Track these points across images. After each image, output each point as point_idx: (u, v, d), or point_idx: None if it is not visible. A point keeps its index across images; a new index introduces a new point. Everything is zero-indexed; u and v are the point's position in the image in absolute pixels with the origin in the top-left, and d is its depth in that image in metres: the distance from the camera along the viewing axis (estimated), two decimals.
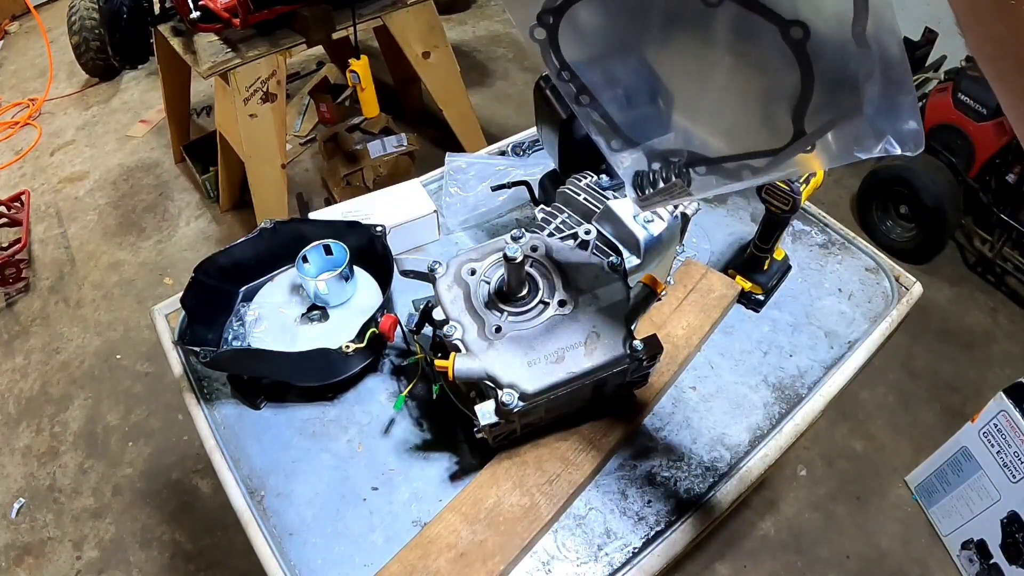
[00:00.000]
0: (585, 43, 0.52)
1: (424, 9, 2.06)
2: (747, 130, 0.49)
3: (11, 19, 4.01)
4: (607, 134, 0.56)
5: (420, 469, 0.76)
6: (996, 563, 1.40)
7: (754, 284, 0.92)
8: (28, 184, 2.76)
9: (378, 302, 0.86)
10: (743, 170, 0.50)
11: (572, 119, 0.86)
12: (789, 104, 0.44)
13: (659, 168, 0.55)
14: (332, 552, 0.70)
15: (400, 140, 2.24)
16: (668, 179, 0.54)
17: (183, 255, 2.40)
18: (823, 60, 0.41)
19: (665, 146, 0.54)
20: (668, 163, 0.54)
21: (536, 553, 0.69)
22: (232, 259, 0.89)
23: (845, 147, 0.43)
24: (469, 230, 1.09)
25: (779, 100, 0.45)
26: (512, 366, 0.63)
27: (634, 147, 0.56)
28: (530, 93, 0.93)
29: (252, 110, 1.87)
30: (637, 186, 0.57)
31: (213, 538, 1.62)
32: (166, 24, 2.00)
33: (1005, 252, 2.06)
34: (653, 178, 0.55)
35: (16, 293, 2.31)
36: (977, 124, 2.02)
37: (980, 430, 1.38)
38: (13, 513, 1.70)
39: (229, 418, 0.82)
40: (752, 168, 0.50)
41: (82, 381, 2.02)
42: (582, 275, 0.69)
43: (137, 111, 3.16)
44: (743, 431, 0.80)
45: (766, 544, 1.57)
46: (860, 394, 1.85)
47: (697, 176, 0.53)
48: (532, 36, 0.51)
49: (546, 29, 0.50)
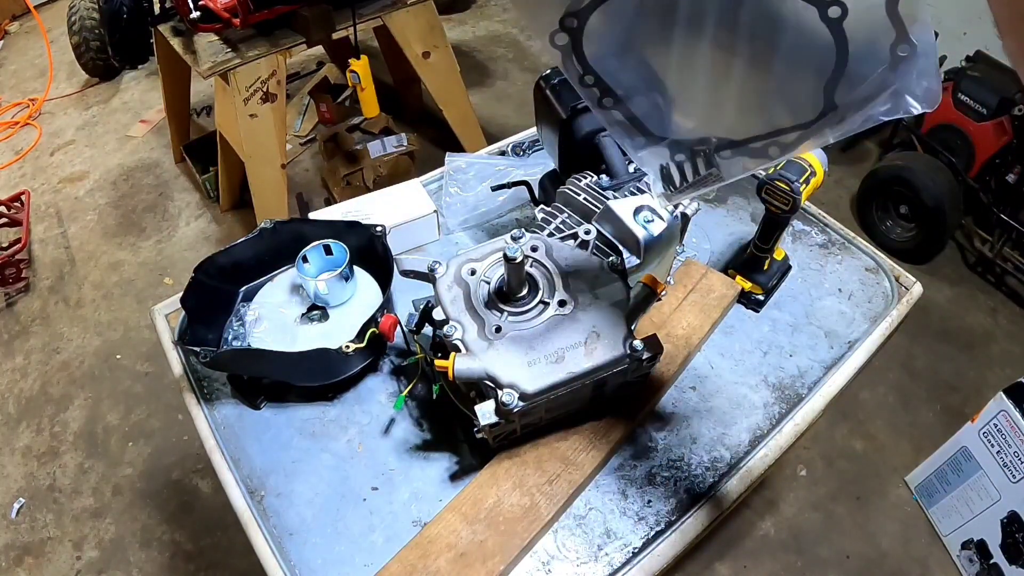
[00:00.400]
0: (609, 44, 0.52)
1: (424, 9, 2.06)
2: (775, 109, 0.50)
3: (11, 19, 4.01)
4: (631, 133, 0.56)
5: (420, 469, 0.76)
6: (996, 563, 1.40)
7: (754, 284, 0.92)
8: (28, 184, 2.76)
9: (378, 302, 0.86)
10: (771, 147, 0.51)
11: (572, 119, 0.86)
12: (820, 79, 0.45)
13: (684, 159, 0.55)
14: (332, 552, 0.70)
15: (400, 140, 2.24)
16: (696, 169, 0.55)
17: (183, 255, 2.40)
18: (858, 36, 0.43)
19: (691, 136, 0.55)
20: (694, 153, 0.55)
21: (536, 553, 0.69)
22: (232, 259, 0.89)
23: (868, 114, 0.45)
24: (469, 230, 1.09)
25: (809, 77, 0.46)
26: (512, 366, 0.63)
27: (659, 142, 0.56)
28: (530, 93, 0.93)
29: (252, 110, 1.87)
30: (666, 180, 0.58)
31: (213, 538, 1.62)
32: (166, 24, 2.00)
33: (1005, 252, 2.06)
34: (681, 170, 0.56)
35: (16, 293, 2.31)
36: (977, 124, 2.02)
37: (980, 430, 1.38)
38: (13, 513, 1.70)
39: (229, 418, 0.82)
40: (780, 144, 0.50)
41: (82, 381, 2.02)
42: (582, 275, 0.69)
43: (137, 111, 3.16)
44: (743, 431, 0.80)
45: (766, 544, 1.57)
46: (860, 394, 1.85)
47: (724, 160, 0.54)
48: (553, 42, 0.51)
49: (569, 34, 0.50)
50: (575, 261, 0.70)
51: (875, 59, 0.43)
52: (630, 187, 0.82)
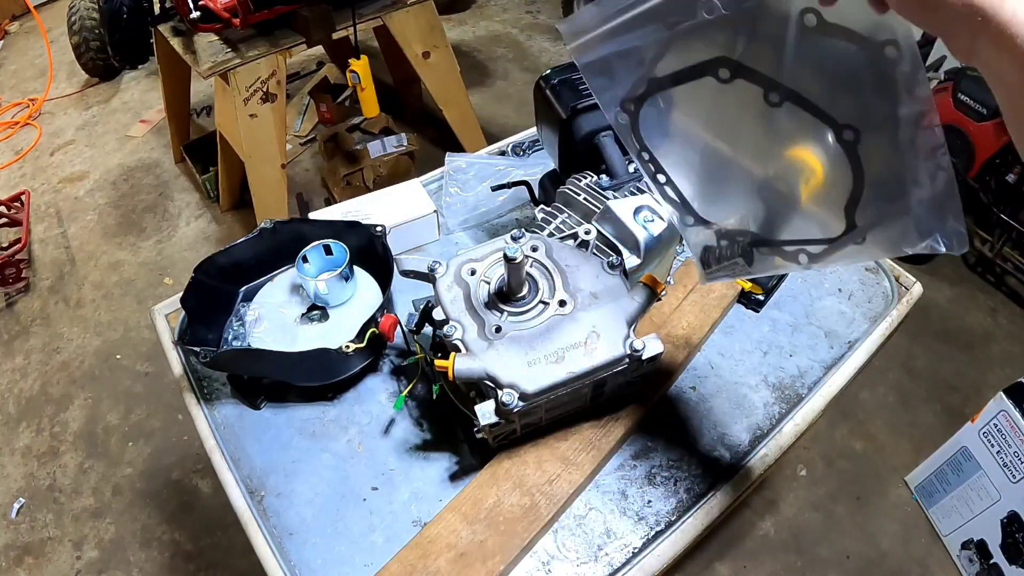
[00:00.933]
0: (662, 129, 0.57)
1: (424, 9, 2.06)
2: (805, 218, 0.53)
3: (11, 19, 4.01)
4: (681, 210, 0.61)
5: (420, 469, 0.76)
6: (996, 563, 1.40)
7: (754, 284, 0.92)
8: (28, 184, 2.76)
9: (378, 302, 0.86)
10: (800, 254, 0.54)
11: (572, 119, 0.86)
12: (842, 198, 0.48)
13: (725, 245, 0.59)
14: (332, 552, 0.70)
15: (400, 140, 2.24)
16: (732, 257, 0.58)
17: (183, 255, 2.40)
18: (873, 161, 0.45)
19: (733, 226, 0.58)
20: (734, 242, 0.58)
21: (536, 553, 0.69)
22: (232, 259, 0.89)
23: (893, 241, 0.46)
24: (469, 230, 1.09)
25: (833, 193, 0.49)
26: (512, 366, 0.63)
27: (705, 225, 0.60)
28: (530, 93, 0.93)
29: (252, 110, 1.87)
30: (704, 261, 0.62)
31: (213, 538, 1.62)
32: (166, 24, 2.00)
33: (1005, 252, 2.06)
34: (719, 254, 0.60)
35: (16, 293, 2.31)
36: (977, 124, 2.02)
37: (980, 430, 1.38)
38: (13, 513, 1.70)
39: (229, 418, 0.82)
40: (809, 254, 0.53)
41: (82, 381, 2.02)
42: (582, 275, 0.69)
43: (137, 111, 3.16)
44: (743, 431, 0.80)
45: (766, 544, 1.57)
46: (860, 394, 1.85)
47: (759, 255, 0.57)
48: (616, 119, 0.57)
49: (628, 114, 0.56)
50: (575, 261, 0.70)
51: (891, 186, 0.44)
52: (630, 187, 0.82)
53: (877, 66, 0.41)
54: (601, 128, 0.86)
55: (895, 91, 0.41)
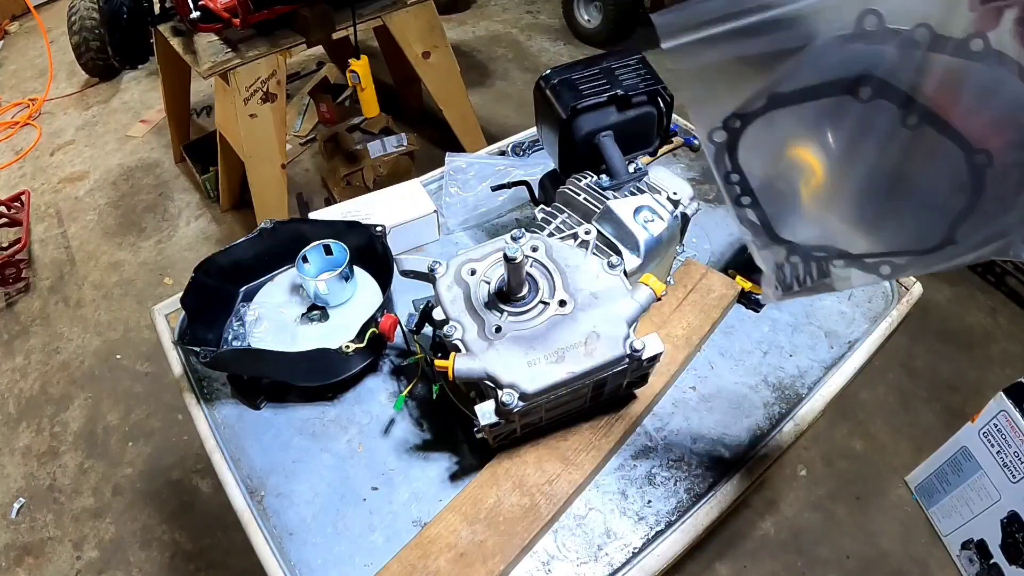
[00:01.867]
0: (761, 149, 0.54)
1: (424, 9, 2.06)
2: (899, 231, 0.52)
3: (11, 19, 4.01)
4: (758, 232, 0.58)
5: (420, 469, 0.76)
6: (996, 563, 1.40)
7: (754, 284, 0.92)
8: (28, 184, 2.76)
9: (378, 302, 0.86)
10: (883, 266, 0.53)
11: (572, 119, 0.86)
12: (948, 213, 0.48)
13: (798, 262, 0.58)
14: (332, 552, 0.70)
15: (400, 140, 2.24)
16: (809, 274, 0.57)
17: (183, 255, 2.40)
18: (994, 183, 0.45)
19: (810, 243, 0.57)
20: (809, 258, 0.57)
21: (536, 553, 0.69)
22: (232, 259, 0.89)
23: (981, 253, 0.47)
24: (469, 230, 1.09)
25: (938, 208, 0.48)
26: (512, 366, 0.63)
27: (781, 244, 0.58)
28: (530, 93, 0.93)
29: (252, 110, 1.87)
30: (779, 281, 0.60)
31: (213, 538, 1.62)
32: (166, 24, 2.01)
33: None
34: (794, 272, 0.58)
35: (16, 293, 2.31)
36: None
37: (980, 430, 1.38)
38: (13, 513, 1.70)
39: (229, 418, 0.82)
40: (893, 265, 0.52)
41: (82, 381, 2.02)
42: (582, 275, 0.69)
43: (137, 111, 3.16)
44: (743, 431, 0.80)
45: (766, 544, 1.57)
46: (860, 394, 1.84)
47: (836, 269, 0.56)
48: (711, 138, 0.53)
49: (728, 133, 0.52)
50: (575, 261, 0.70)
51: (1005, 206, 0.45)
52: (630, 187, 0.82)
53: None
54: (601, 128, 0.86)
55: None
